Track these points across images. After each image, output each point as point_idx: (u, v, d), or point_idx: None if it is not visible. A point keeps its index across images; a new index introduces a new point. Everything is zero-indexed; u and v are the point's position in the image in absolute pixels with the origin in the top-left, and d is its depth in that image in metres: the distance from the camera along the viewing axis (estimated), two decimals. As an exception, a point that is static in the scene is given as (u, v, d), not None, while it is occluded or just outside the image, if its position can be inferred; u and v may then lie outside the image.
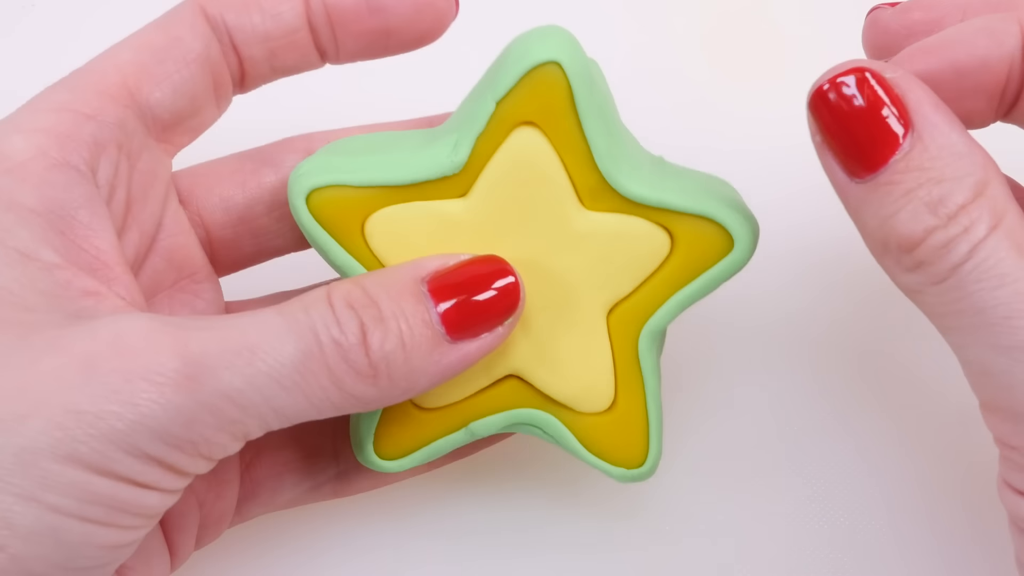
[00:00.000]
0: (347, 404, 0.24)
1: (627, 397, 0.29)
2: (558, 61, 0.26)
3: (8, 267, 0.24)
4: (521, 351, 0.28)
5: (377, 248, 0.27)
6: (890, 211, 0.23)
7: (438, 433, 0.28)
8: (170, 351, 0.23)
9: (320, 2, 0.28)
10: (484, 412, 0.28)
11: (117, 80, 0.26)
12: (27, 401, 0.22)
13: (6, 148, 0.25)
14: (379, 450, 0.28)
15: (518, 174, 0.27)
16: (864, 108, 0.23)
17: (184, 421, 0.23)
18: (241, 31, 0.28)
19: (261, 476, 0.30)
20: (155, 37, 0.27)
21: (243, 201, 0.30)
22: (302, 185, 0.27)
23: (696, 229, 0.28)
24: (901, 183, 0.23)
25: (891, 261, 0.23)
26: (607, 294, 0.29)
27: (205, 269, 0.30)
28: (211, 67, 0.28)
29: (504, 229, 0.28)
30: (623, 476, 0.29)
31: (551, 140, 0.27)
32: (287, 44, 0.28)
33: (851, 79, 0.23)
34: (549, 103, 0.27)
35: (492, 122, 0.27)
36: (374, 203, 0.27)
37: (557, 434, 0.29)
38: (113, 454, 0.22)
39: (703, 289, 0.29)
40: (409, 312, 0.25)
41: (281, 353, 0.23)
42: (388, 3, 0.28)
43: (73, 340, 0.23)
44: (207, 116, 0.29)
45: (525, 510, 0.33)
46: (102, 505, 0.22)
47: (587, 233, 0.28)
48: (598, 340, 0.29)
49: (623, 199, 0.28)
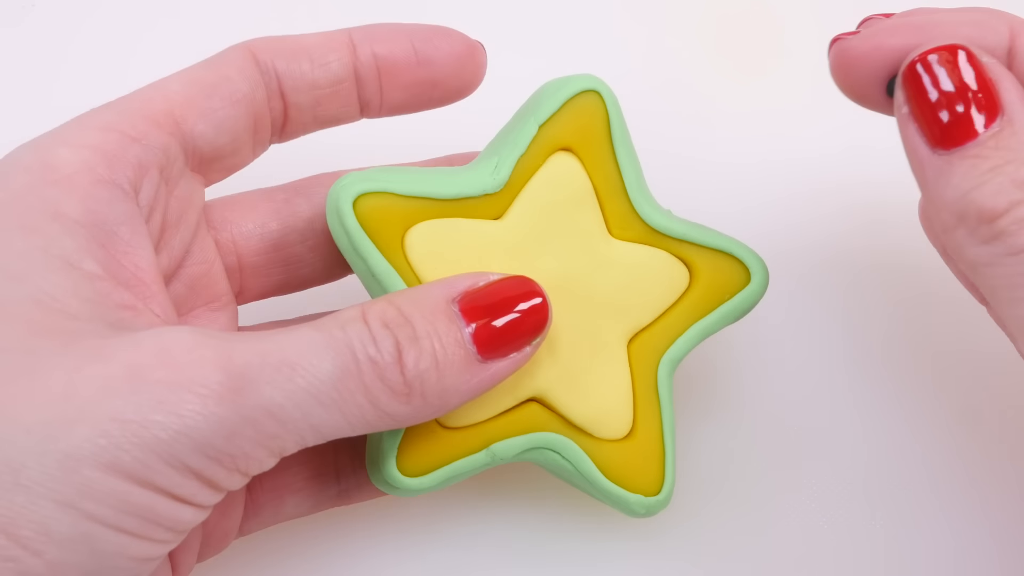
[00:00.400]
0: (380, 422, 0.25)
1: (645, 425, 0.29)
2: (598, 91, 0.29)
3: (52, 273, 0.24)
4: (546, 372, 0.29)
5: (415, 260, 0.28)
6: (974, 183, 0.24)
7: (460, 452, 0.28)
8: (213, 364, 0.23)
9: (370, 53, 0.29)
10: (506, 434, 0.28)
11: (164, 108, 0.27)
12: (73, 407, 0.22)
13: (53, 160, 0.25)
14: (401, 466, 0.28)
15: (554, 198, 0.29)
16: (958, 84, 0.24)
17: (226, 434, 0.23)
18: (291, 78, 0.29)
19: (264, 498, 0.30)
20: (205, 74, 0.28)
21: (278, 228, 0.30)
22: (350, 191, 0.27)
23: (715, 263, 0.30)
24: (989, 159, 0.24)
25: (965, 232, 0.24)
26: (629, 322, 0.30)
27: (225, 297, 0.30)
28: (254, 110, 0.28)
29: (536, 251, 0.29)
30: (639, 504, 0.29)
31: (586, 167, 0.29)
32: (331, 94, 0.29)
33: (945, 56, 0.24)
34: (588, 129, 0.29)
35: (533, 145, 0.29)
36: (417, 215, 0.28)
37: (575, 459, 0.29)
38: (155, 464, 0.22)
39: (720, 321, 0.30)
40: (443, 331, 0.25)
41: (320, 370, 0.24)
42: (435, 55, 0.29)
43: (117, 349, 0.23)
44: (242, 157, 0.29)
45: (535, 519, 0.33)
46: (138, 517, 0.22)
47: (614, 261, 0.29)
48: (619, 367, 0.29)
49: (648, 230, 0.30)
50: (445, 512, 0.33)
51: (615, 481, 0.29)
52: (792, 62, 0.38)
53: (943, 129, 0.24)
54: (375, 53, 0.29)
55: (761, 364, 0.34)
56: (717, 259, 0.30)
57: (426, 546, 0.32)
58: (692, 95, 0.38)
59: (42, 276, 0.24)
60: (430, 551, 0.32)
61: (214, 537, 0.29)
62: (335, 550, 0.32)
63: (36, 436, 0.22)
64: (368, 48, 0.29)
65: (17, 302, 0.23)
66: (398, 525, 0.32)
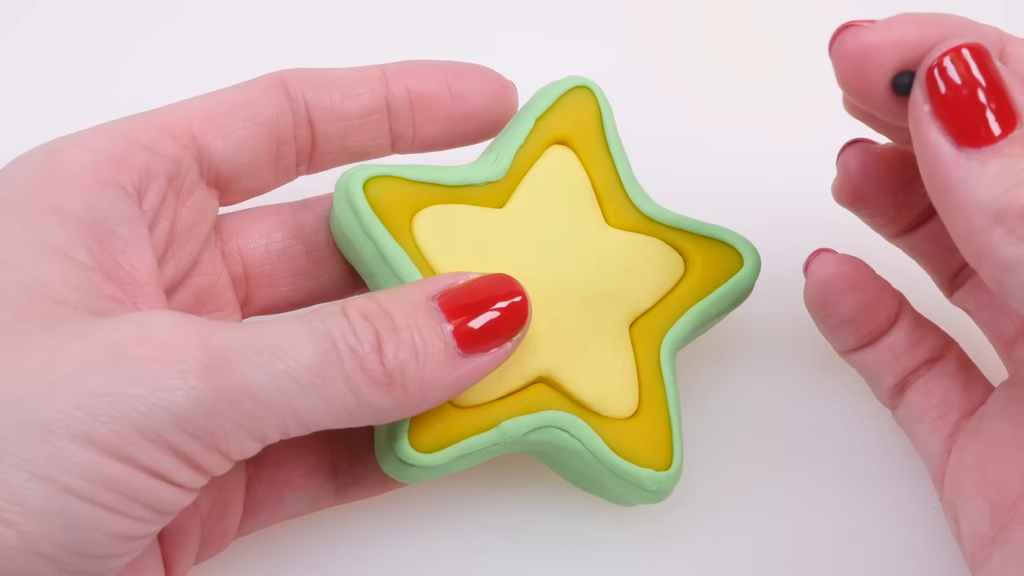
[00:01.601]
0: (362, 412, 0.25)
1: (651, 404, 0.30)
2: (589, 87, 0.31)
3: (45, 261, 0.24)
4: (552, 353, 0.29)
5: (423, 243, 0.29)
6: (1014, 180, 0.23)
7: (471, 430, 0.28)
8: (195, 342, 0.23)
9: (403, 87, 0.30)
10: (515, 412, 0.28)
11: (182, 123, 0.28)
12: (49, 382, 0.22)
13: (61, 159, 0.26)
14: (414, 442, 0.28)
15: (552, 187, 0.30)
16: (989, 80, 0.24)
17: (204, 410, 0.23)
18: (319, 107, 0.30)
19: (261, 495, 0.30)
20: (229, 95, 0.29)
21: (283, 239, 0.31)
22: (360, 174, 0.28)
23: (708, 250, 0.31)
24: (1023, 157, 0.23)
25: (1003, 232, 0.23)
26: (629, 307, 0.30)
27: (230, 307, 0.30)
28: (277, 135, 0.29)
29: (537, 238, 0.30)
30: (651, 478, 0.29)
31: (582, 159, 0.31)
32: (361, 125, 0.30)
33: (974, 52, 0.24)
34: (582, 122, 0.31)
35: (531, 137, 0.30)
36: (424, 199, 0.29)
37: (585, 437, 0.29)
38: (131, 438, 0.22)
39: (717, 303, 0.31)
40: (422, 325, 0.26)
41: (301, 354, 0.24)
42: (469, 91, 0.30)
43: (99, 329, 0.23)
44: (263, 182, 0.30)
45: (536, 519, 0.32)
46: (115, 491, 0.22)
47: (611, 248, 0.31)
48: (623, 348, 0.30)
49: (643, 219, 0.31)
50: (445, 511, 0.32)
51: (625, 457, 0.29)
52: (793, 64, 0.40)
53: (973, 127, 0.23)
54: (409, 88, 0.30)
55: (755, 360, 0.35)
56: (710, 246, 0.31)
57: (426, 544, 0.32)
58: (695, 98, 0.39)
59: (34, 264, 0.24)
60: (430, 550, 0.32)
61: (213, 537, 0.28)
62: (335, 550, 0.32)
63: (11, 408, 0.22)
64: (402, 83, 0.30)
65: (7, 287, 0.24)
66: (398, 525, 0.32)
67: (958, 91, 0.24)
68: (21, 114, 0.38)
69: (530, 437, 0.29)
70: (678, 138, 0.38)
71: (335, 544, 0.32)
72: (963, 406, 0.30)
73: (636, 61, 0.40)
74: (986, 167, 0.23)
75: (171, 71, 0.38)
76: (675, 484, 0.29)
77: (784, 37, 0.40)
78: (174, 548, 0.27)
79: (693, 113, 0.39)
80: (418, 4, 0.40)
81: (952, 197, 0.23)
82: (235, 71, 0.31)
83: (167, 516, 0.23)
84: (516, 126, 0.30)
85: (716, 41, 0.40)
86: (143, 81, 0.38)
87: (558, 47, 0.40)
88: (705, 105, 0.39)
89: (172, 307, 0.28)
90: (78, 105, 0.38)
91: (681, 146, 0.38)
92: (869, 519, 0.33)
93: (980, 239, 0.23)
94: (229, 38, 0.40)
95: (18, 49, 0.39)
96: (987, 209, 0.23)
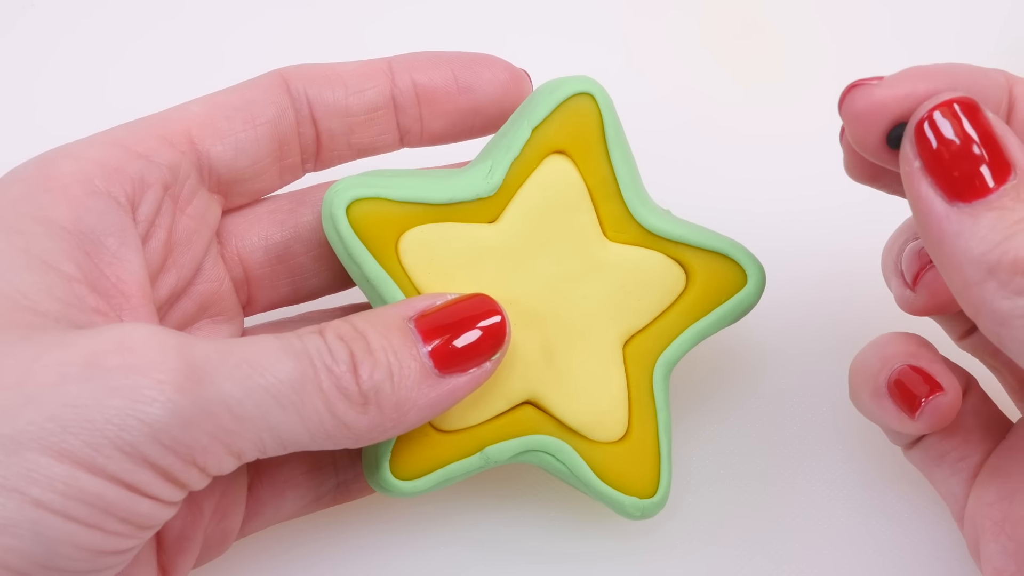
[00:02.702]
0: (339, 432, 0.25)
1: (640, 428, 0.29)
2: (591, 93, 0.29)
3: (28, 272, 0.24)
4: (540, 375, 0.29)
5: (409, 265, 0.28)
6: (1005, 233, 0.23)
7: (454, 456, 0.28)
8: (174, 354, 0.23)
9: (409, 81, 0.29)
10: (499, 437, 0.29)
11: (180, 128, 0.27)
12: (24, 394, 0.22)
13: (53, 170, 0.26)
14: (395, 469, 0.28)
15: (548, 201, 0.29)
16: (981, 132, 0.23)
17: (181, 423, 0.22)
18: (322, 104, 0.29)
19: (264, 495, 0.30)
20: (229, 97, 0.28)
21: (281, 240, 0.30)
22: (343, 197, 0.27)
23: (711, 265, 0.30)
24: (1015, 209, 0.23)
25: (995, 285, 0.23)
26: (624, 325, 0.29)
27: (232, 311, 0.30)
28: (279, 135, 0.29)
29: (531, 254, 0.29)
30: (634, 506, 0.29)
31: (580, 169, 0.29)
32: (366, 121, 0.29)
33: (963, 107, 0.23)
34: (581, 132, 0.29)
35: (527, 148, 0.29)
36: (410, 220, 0.28)
37: (570, 461, 0.29)
38: (105, 450, 0.22)
39: (717, 323, 0.30)
40: (398, 345, 0.25)
41: (279, 370, 0.24)
42: (476, 83, 0.29)
43: (77, 339, 0.23)
44: (267, 183, 0.29)
45: (536, 518, 0.33)
46: (88, 504, 0.22)
47: (609, 263, 0.29)
48: (614, 369, 0.29)
49: (643, 232, 0.29)
50: (445, 512, 0.33)
51: (609, 483, 0.29)
52: (795, 68, 0.38)
53: (964, 181, 0.23)
54: (415, 81, 0.29)
55: (757, 363, 0.34)
56: (713, 261, 0.30)
57: (426, 545, 0.32)
58: (699, 102, 0.38)
59: (17, 274, 0.24)
60: (429, 549, 0.32)
61: (215, 539, 0.29)
62: (333, 550, 0.32)
63: None
64: (407, 76, 0.29)
65: None
66: (397, 525, 0.33)
67: (949, 146, 0.23)
68: (21, 114, 0.38)
69: (515, 460, 0.29)
70: (684, 141, 0.37)
71: (335, 544, 0.32)
72: (986, 446, 0.29)
73: (639, 61, 0.39)
74: (978, 221, 0.23)
75: (171, 71, 0.38)
76: (660, 510, 0.29)
77: (796, 38, 0.39)
78: (175, 553, 0.27)
79: (701, 118, 0.38)
80: (418, 4, 0.39)
81: (946, 251, 0.23)
82: (236, 70, 0.31)
83: (145, 530, 0.23)
84: (511, 135, 0.29)
85: (721, 42, 0.39)
86: (143, 81, 0.38)
87: (564, 45, 0.39)
88: (711, 109, 0.38)
89: (176, 316, 0.29)
90: (78, 105, 0.38)
91: (687, 148, 0.37)
92: (870, 534, 0.32)
93: (975, 293, 0.23)
94: (230, 38, 0.39)
95: (18, 49, 0.39)
96: (980, 263, 0.23)
